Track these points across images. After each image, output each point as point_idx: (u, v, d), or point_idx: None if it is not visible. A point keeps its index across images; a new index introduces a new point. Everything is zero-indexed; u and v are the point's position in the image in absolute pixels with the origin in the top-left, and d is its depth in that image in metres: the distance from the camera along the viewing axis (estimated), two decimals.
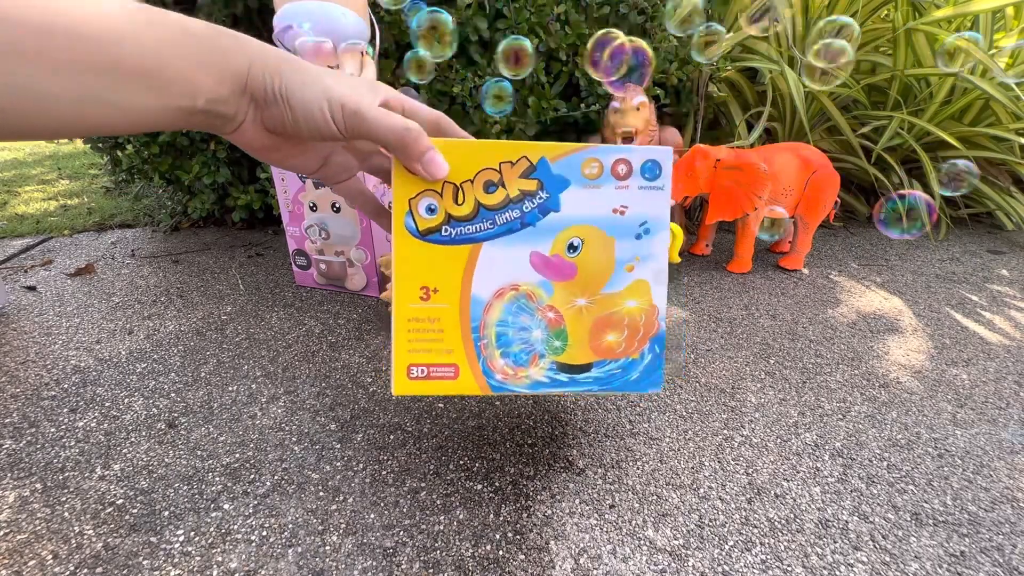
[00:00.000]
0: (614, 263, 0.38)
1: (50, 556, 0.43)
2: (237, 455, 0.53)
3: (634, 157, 0.37)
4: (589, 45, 0.63)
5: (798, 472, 0.51)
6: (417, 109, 0.36)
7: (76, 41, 0.22)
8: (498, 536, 0.44)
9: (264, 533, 0.45)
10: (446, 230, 0.38)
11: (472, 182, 0.38)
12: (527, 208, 0.38)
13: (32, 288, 0.95)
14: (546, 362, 0.40)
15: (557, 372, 0.40)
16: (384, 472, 0.51)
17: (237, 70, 0.29)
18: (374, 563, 0.42)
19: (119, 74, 0.24)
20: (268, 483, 0.50)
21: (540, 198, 0.38)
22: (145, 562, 0.42)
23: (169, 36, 0.26)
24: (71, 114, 0.24)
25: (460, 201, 0.38)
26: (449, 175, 0.37)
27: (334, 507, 0.47)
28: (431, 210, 0.38)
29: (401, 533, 0.44)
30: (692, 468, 0.52)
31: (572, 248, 0.38)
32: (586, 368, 0.40)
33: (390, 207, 0.39)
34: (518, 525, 0.45)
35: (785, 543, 0.44)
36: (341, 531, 0.45)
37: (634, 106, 0.96)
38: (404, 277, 0.39)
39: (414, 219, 0.38)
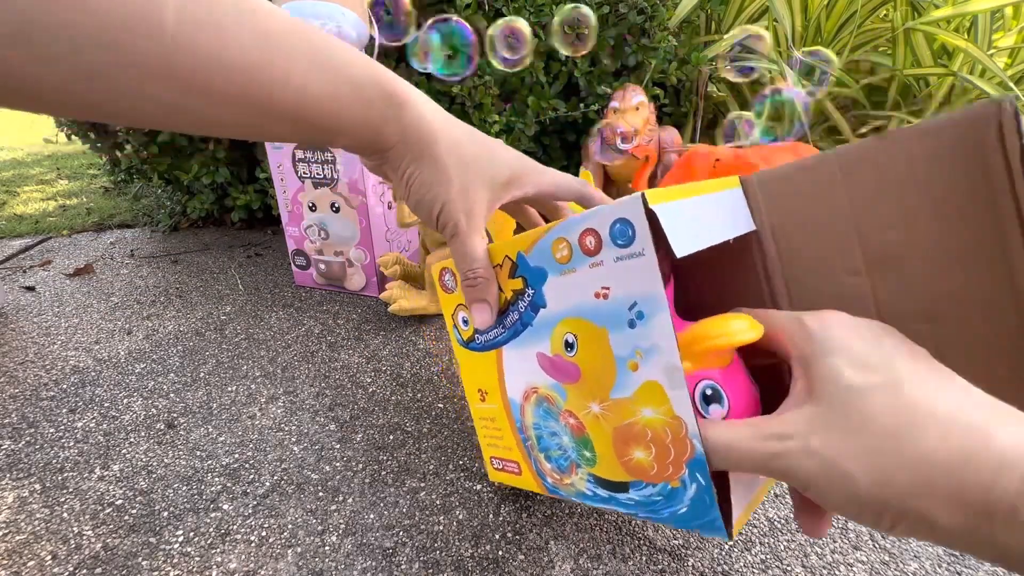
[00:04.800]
0: (614, 361, 0.30)
1: (49, 557, 0.43)
2: (236, 455, 0.53)
3: (600, 222, 0.29)
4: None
5: None
6: (552, 192, 0.37)
7: (239, 76, 0.24)
8: (498, 536, 0.44)
9: (264, 533, 0.44)
10: (478, 338, 0.40)
11: None
12: (521, 308, 0.35)
13: (31, 288, 0.95)
14: (583, 472, 0.36)
15: (596, 486, 0.35)
16: (384, 472, 0.51)
17: (384, 143, 0.31)
18: (374, 563, 0.42)
19: (273, 114, 0.26)
20: (267, 483, 0.50)
21: (528, 296, 0.35)
22: (144, 563, 0.42)
23: (332, 88, 0.27)
24: (227, 131, 0.27)
25: None
26: None
27: (334, 507, 0.47)
28: (465, 322, 0.41)
29: (401, 533, 0.44)
30: None
31: (568, 346, 0.33)
32: (623, 487, 0.34)
33: (390, 206, 0.40)
34: (518, 525, 0.45)
35: (785, 543, 0.44)
36: (341, 531, 0.45)
37: (633, 106, 0.97)
38: (466, 380, 0.43)
39: (458, 331, 0.41)
